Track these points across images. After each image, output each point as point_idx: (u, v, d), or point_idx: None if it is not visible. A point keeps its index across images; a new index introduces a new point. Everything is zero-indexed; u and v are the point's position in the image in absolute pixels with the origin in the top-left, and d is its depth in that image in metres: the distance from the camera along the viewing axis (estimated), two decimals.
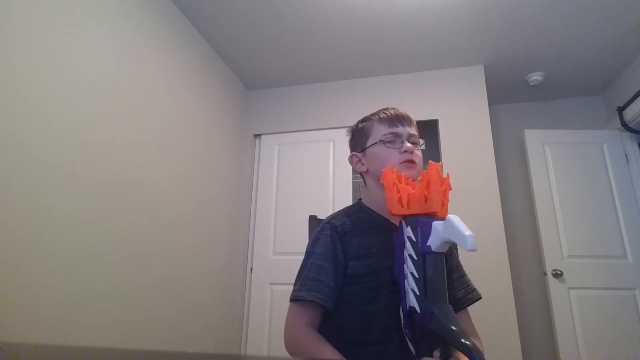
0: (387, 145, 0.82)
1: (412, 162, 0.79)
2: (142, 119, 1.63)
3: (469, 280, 0.85)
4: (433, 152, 2.65)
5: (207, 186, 2.11)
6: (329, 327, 0.75)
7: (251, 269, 2.41)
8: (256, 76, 2.59)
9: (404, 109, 0.89)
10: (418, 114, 2.41)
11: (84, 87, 1.33)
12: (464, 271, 0.86)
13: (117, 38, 1.51)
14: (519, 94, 2.76)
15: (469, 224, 2.30)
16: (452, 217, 0.59)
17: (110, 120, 1.44)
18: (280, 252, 2.38)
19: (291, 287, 0.78)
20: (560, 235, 2.31)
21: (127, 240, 1.48)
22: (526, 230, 2.61)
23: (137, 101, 1.60)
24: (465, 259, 1.94)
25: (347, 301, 0.75)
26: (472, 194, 2.20)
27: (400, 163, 0.78)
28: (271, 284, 2.33)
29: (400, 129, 0.83)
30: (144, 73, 1.66)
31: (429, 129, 2.52)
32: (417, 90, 2.48)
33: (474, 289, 0.83)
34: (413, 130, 0.85)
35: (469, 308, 0.84)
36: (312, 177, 2.46)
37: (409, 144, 0.80)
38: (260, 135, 2.68)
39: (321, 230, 0.81)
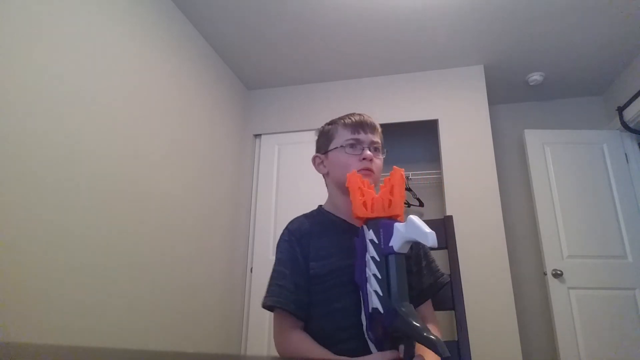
0: (347, 151, 0.84)
1: (369, 170, 0.81)
2: (142, 119, 1.63)
3: (437, 266, 0.88)
4: (433, 152, 2.65)
5: (207, 186, 2.11)
6: (306, 330, 0.78)
7: (251, 269, 2.41)
8: (256, 76, 2.59)
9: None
10: (418, 114, 2.43)
11: (82, 87, 1.33)
12: (432, 257, 0.89)
13: (117, 38, 1.51)
14: (519, 94, 2.76)
15: (469, 224, 2.31)
16: (413, 217, 0.62)
17: (109, 120, 1.44)
18: None
19: None
20: (560, 235, 2.31)
21: (127, 240, 1.48)
22: (526, 230, 2.61)
23: (136, 101, 1.60)
24: (465, 260, 1.95)
25: (315, 302, 0.78)
26: (472, 194, 2.20)
27: (358, 171, 0.79)
28: None
29: (362, 136, 0.84)
30: (143, 73, 1.66)
31: (429, 129, 2.53)
32: (417, 90, 2.48)
33: (443, 274, 0.87)
34: (376, 138, 0.86)
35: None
36: (312, 177, 2.46)
37: (368, 152, 0.82)
38: (260, 135, 2.68)
39: (281, 236, 0.86)
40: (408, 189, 2.66)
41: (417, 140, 2.93)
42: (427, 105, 2.44)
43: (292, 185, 2.49)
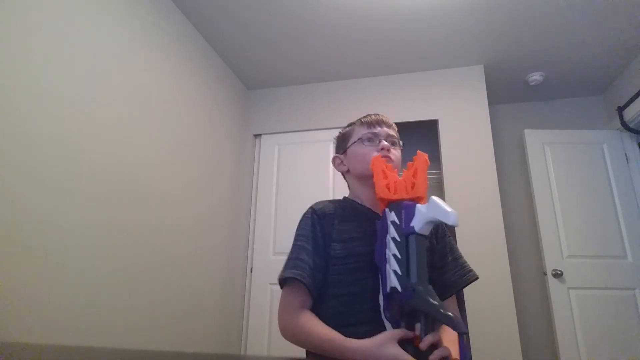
0: (366, 143, 0.87)
1: (388, 158, 0.83)
2: (142, 119, 1.63)
3: (465, 262, 0.86)
4: (433, 152, 2.64)
5: (207, 186, 2.11)
6: (315, 310, 0.78)
7: (251, 269, 2.41)
8: (256, 76, 2.59)
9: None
10: (418, 114, 2.43)
11: (82, 87, 1.33)
12: (459, 253, 0.88)
13: (117, 38, 1.51)
14: (519, 94, 2.76)
15: (469, 224, 2.31)
16: (435, 197, 0.64)
17: (109, 120, 1.44)
18: (280, 252, 2.37)
19: None
20: (560, 235, 2.31)
21: (127, 240, 1.48)
22: (526, 230, 2.61)
23: (136, 101, 1.60)
24: (465, 259, 1.95)
25: (330, 283, 0.78)
26: (472, 194, 2.20)
27: None
28: (271, 284, 2.33)
29: (378, 130, 0.88)
30: (143, 73, 1.66)
31: (429, 129, 2.52)
32: (417, 90, 2.48)
33: (470, 270, 0.85)
34: (392, 132, 0.90)
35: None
36: (312, 177, 2.46)
37: (385, 143, 0.86)
38: (260, 135, 2.68)
39: (304, 214, 0.88)
40: None
41: (416, 140, 2.92)
42: (427, 105, 2.44)
43: (292, 185, 2.49)
